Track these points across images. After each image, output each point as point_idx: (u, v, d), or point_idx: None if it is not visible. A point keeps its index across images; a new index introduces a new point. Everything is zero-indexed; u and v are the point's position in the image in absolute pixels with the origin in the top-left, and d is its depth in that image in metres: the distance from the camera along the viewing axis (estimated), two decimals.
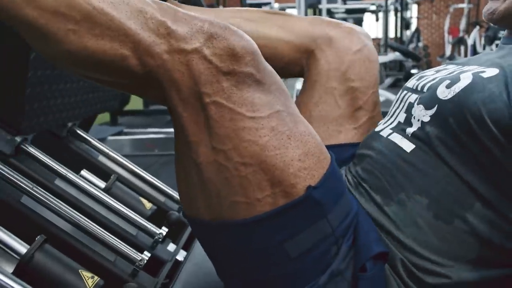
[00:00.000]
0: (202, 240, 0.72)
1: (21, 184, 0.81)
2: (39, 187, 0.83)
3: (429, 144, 0.67)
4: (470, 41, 7.90)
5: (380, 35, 8.01)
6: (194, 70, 0.56)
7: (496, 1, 0.76)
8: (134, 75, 0.57)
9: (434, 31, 12.45)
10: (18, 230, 0.71)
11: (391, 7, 7.49)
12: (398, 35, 7.32)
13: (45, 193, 0.83)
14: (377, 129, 0.82)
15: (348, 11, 5.43)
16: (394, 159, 0.71)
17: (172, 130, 0.63)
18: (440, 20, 12.35)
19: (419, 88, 0.77)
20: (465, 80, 0.66)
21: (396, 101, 0.84)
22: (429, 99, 0.70)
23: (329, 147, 0.69)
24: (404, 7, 7.42)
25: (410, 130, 0.72)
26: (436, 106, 0.67)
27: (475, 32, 7.90)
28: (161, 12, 0.57)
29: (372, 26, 8.60)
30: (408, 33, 8.47)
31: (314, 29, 0.94)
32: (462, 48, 10.71)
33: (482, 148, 0.62)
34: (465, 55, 10.65)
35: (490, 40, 6.92)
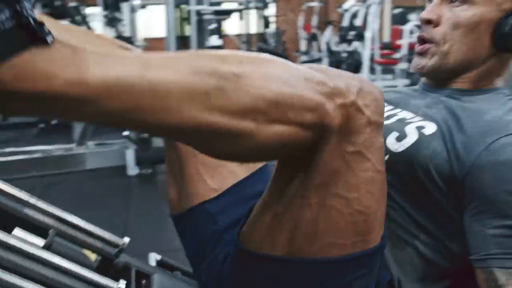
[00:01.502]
0: (252, 275, 0.72)
1: None
2: None
3: None
4: (324, 39, 8.60)
5: (243, 32, 8.29)
6: (350, 120, 0.57)
7: (423, 58, 0.90)
8: (307, 142, 0.57)
9: (290, 28, 13.25)
10: None
11: (252, 5, 7.84)
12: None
13: None
14: None
15: (217, 13, 5.51)
16: None
17: (46, 147, 0.58)
18: (295, 17, 13.20)
19: None
20: (412, 136, 0.80)
21: None
22: None
23: None
24: (265, 5, 7.77)
25: None
26: (388, 155, 0.80)
27: (329, 31, 8.62)
28: (318, 73, 0.57)
29: (235, 24, 8.87)
30: (269, 30, 8.90)
31: None
32: (315, 44, 11.61)
33: (426, 193, 0.77)
34: (319, 51, 11.57)
35: (343, 38, 7.62)
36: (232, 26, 9.53)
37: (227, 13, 6.47)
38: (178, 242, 1.02)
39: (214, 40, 4.77)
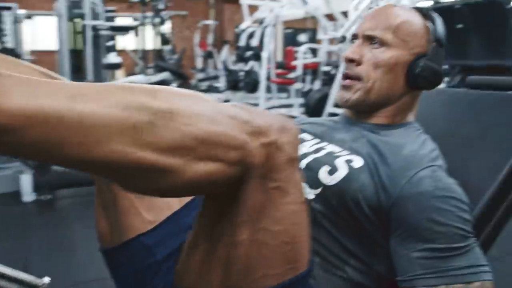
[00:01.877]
0: None
1: None
2: None
3: (314, 217, 0.84)
4: (221, 58, 8.74)
5: (140, 48, 8.11)
6: (272, 159, 0.59)
7: (347, 92, 0.97)
8: (231, 179, 0.58)
9: (186, 45, 13.25)
10: None
11: (148, 21, 7.72)
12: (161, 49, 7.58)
13: None
14: None
15: (113, 29, 5.33)
16: None
17: None
18: (191, 35, 13.23)
19: None
20: (342, 170, 0.86)
21: None
22: (312, 180, 0.87)
23: None
24: (161, 22, 7.69)
25: None
26: (321, 188, 0.85)
27: (225, 50, 8.78)
28: (244, 113, 0.58)
29: (132, 40, 8.64)
30: (166, 48, 8.83)
31: None
32: (211, 61, 11.76)
33: (357, 222, 0.83)
34: (215, 68, 11.72)
35: (240, 58, 7.81)
36: (128, 42, 9.28)
37: (124, 29, 6.31)
38: (91, 274, 0.97)
39: (112, 57, 4.60)
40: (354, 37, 1.00)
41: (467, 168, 0.98)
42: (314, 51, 7.62)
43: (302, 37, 15.60)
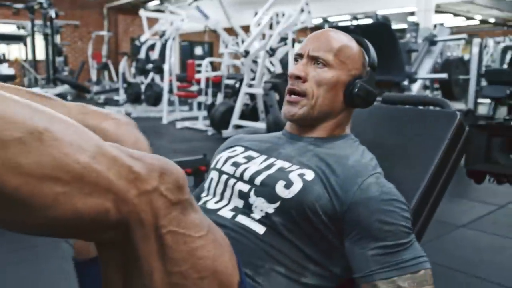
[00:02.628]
0: None
1: None
2: None
3: (276, 229, 0.92)
4: (120, 70, 8.49)
5: (30, 58, 7.59)
6: (154, 207, 0.57)
7: (294, 107, 1.05)
8: (109, 224, 0.55)
9: (79, 56, 12.64)
10: None
11: (38, 30, 7.26)
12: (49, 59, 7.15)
13: None
14: (208, 206, 0.99)
15: (1, 37, 4.97)
16: (252, 238, 0.91)
17: None
18: (84, 46, 12.65)
19: (244, 178, 0.99)
20: (298, 183, 0.93)
21: (217, 182, 1.03)
22: (270, 195, 0.93)
23: None
24: (54, 31, 7.29)
25: (255, 216, 0.93)
26: (280, 202, 0.92)
27: (124, 62, 8.55)
28: (125, 157, 0.55)
29: (21, 50, 8.02)
30: (58, 58, 8.36)
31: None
32: (106, 73, 11.36)
33: (315, 229, 0.92)
34: (111, 79, 11.33)
35: (140, 71, 7.66)
36: (17, 52, 8.61)
37: (13, 38, 5.88)
38: None
39: (5, 68, 4.27)
40: (299, 56, 1.09)
41: (396, 174, 1.12)
42: (212, 65, 7.74)
43: (198, 50, 15.73)
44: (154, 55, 7.80)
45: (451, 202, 3.18)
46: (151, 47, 8.05)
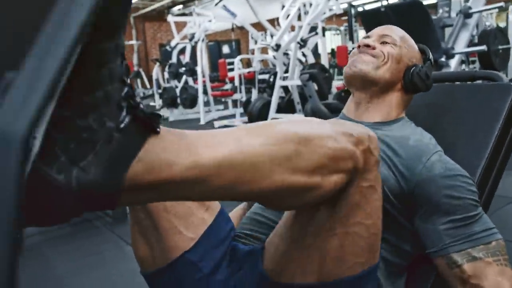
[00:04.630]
0: None
1: None
2: None
3: None
4: (154, 76, 8.67)
5: None
6: (366, 162, 0.68)
7: (358, 62, 1.08)
8: (348, 178, 0.67)
9: None
10: None
11: None
12: None
13: None
14: None
15: None
16: None
17: None
18: None
19: None
20: None
21: None
22: None
23: None
24: None
25: None
26: None
27: (156, 68, 8.71)
28: (346, 127, 0.67)
29: None
30: None
31: None
32: (139, 80, 11.60)
33: (384, 210, 0.95)
34: (144, 86, 11.57)
35: (174, 75, 7.80)
36: None
37: None
38: None
39: None
40: (366, 37, 1.14)
41: (455, 151, 1.14)
42: (241, 61, 7.80)
43: (225, 49, 15.83)
44: (186, 58, 7.93)
45: (505, 176, 3.12)
46: (181, 51, 8.18)
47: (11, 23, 0.35)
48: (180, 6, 12.97)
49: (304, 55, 6.41)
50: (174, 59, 8.05)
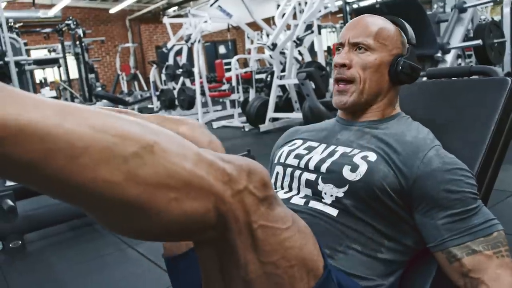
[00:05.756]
0: None
1: None
2: None
3: (347, 210, 0.96)
4: (151, 78, 8.68)
5: (65, 79, 7.86)
6: (245, 204, 0.62)
7: (343, 95, 1.10)
8: (210, 224, 0.60)
9: (107, 70, 12.96)
10: None
11: (69, 51, 7.52)
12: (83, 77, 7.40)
13: None
14: (280, 197, 1.05)
15: (39, 62, 5.19)
16: (327, 220, 0.96)
17: None
18: (112, 59, 12.96)
19: (309, 168, 1.04)
20: (363, 166, 0.98)
21: (283, 176, 1.08)
22: (337, 180, 0.98)
23: None
24: (84, 50, 7.52)
25: (326, 201, 0.98)
26: (348, 185, 0.97)
27: (153, 70, 8.72)
28: (218, 160, 0.60)
29: (55, 72, 8.33)
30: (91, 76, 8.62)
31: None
32: (136, 83, 11.61)
33: (384, 206, 0.96)
34: (141, 89, 11.57)
35: (171, 77, 7.81)
36: (51, 74, 8.94)
37: (50, 62, 6.13)
38: None
39: (47, 92, 4.48)
40: (340, 45, 1.13)
41: (453, 146, 1.15)
42: (238, 61, 7.81)
43: (222, 49, 15.84)
44: (182, 59, 7.93)
45: (504, 170, 3.14)
46: (178, 53, 8.18)
47: None
48: (175, 8, 12.98)
49: (300, 53, 6.41)
50: (171, 61, 8.06)
